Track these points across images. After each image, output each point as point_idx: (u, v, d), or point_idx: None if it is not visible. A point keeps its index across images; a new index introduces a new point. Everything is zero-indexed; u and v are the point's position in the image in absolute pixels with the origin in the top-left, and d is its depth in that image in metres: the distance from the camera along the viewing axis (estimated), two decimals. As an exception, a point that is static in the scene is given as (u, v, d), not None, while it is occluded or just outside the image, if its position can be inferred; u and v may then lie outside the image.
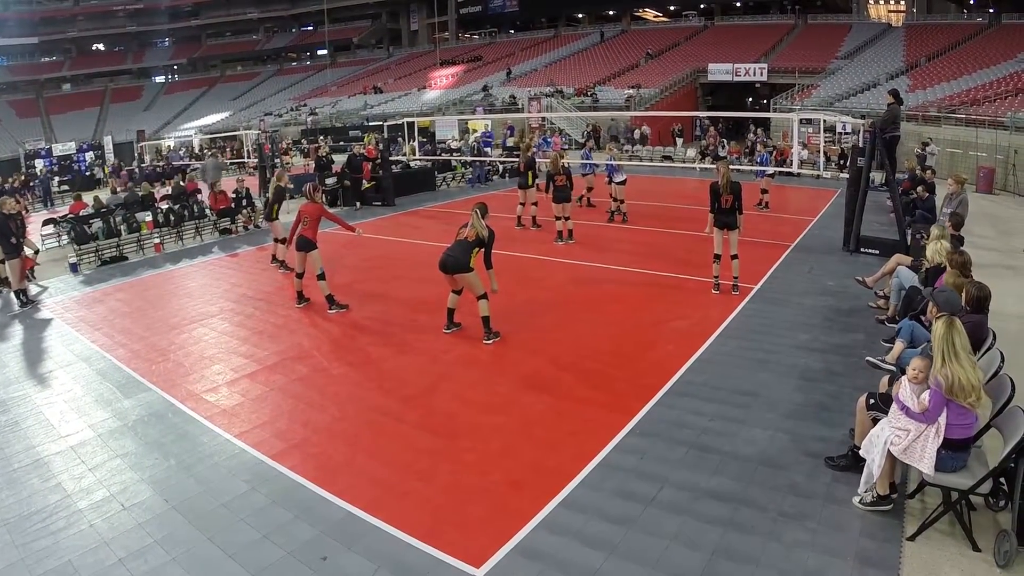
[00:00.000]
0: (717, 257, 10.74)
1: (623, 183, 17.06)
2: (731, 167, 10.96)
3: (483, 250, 9.13)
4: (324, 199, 12.12)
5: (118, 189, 24.25)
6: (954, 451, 4.89)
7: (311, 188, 11.25)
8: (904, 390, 5.14)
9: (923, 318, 7.15)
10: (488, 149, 31.24)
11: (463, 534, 5.18)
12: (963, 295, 6.26)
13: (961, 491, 4.87)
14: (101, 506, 5.80)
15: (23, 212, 16.25)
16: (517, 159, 18.20)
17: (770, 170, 19.46)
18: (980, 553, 4.77)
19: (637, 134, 33.66)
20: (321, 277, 10.86)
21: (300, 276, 11.16)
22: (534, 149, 18.44)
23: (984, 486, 4.84)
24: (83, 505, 5.83)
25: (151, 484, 6.12)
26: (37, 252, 14.53)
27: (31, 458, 6.73)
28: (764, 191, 18.77)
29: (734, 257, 10.76)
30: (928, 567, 4.69)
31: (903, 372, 6.12)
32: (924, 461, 4.88)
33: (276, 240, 13.82)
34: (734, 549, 4.90)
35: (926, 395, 4.94)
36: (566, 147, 29.06)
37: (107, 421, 7.45)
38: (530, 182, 16.35)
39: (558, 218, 14.80)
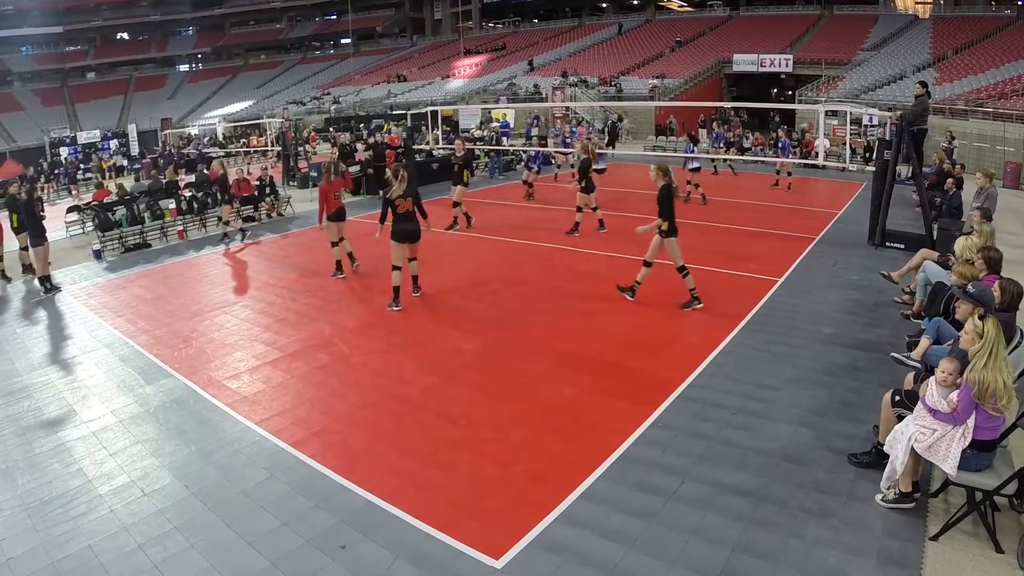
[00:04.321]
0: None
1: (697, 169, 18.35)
2: (756, 159, 10.83)
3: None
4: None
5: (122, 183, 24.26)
6: (979, 451, 4.81)
7: (345, 169, 11.70)
8: (931, 393, 5.05)
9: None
10: (506, 139, 31.15)
11: (482, 525, 5.17)
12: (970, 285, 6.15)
13: (985, 491, 4.80)
14: (121, 492, 5.85)
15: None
16: (540, 148, 18.07)
17: (791, 159, 19.65)
18: (1003, 555, 4.71)
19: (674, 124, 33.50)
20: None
21: (336, 245, 12.14)
22: (469, 146, 17.70)
23: (1009, 487, 4.77)
24: (104, 490, 5.88)
25: (171, 470, 6.16)
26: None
27: (53, 443, 6.79)
28: (789, 173, 20.02)
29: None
30: (950, 568, 4.63)
31: (928, 369, 6.02)
32: (948, 461, 4.81)
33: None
34: (755, 545, 4.86)
35: (955, 395, 4.85)
36: (591, 136, 28.93)
37: (129, 407, 7.51)
38: (465, 179, 15.84)
39: (580, 209, 14.64)
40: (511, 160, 26.68)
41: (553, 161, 24.20)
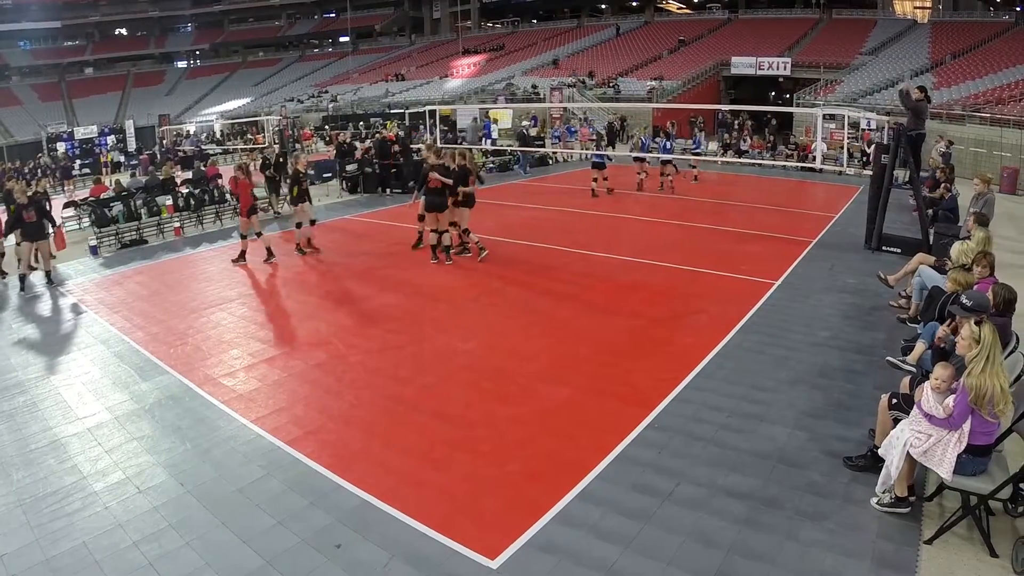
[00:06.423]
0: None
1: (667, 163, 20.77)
2: (753, 161, 10.87)
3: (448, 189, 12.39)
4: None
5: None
6: (975, 455, 4.82)
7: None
8: (926, 398, 5.05)
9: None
10: (490, 141, 31.05)
11: (478, 525, 5.17)
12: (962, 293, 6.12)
13: (980, 496, 4.81)
14: (116, 488, 5.83)
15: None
16: (538, 149, 18.06)
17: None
18: (997, 559, 4.71)
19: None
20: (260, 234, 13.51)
21: (249, 237, 13.57)
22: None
23: (1004, 491, 4.77)
24: (98, 487, 5.86)
25: (167, 468, 6.14)
26: None
27: (48, 439, 6.77)
28: (692, 166, 23.23)
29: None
30: (945, 571, 4.64)
31: (924, 373, 6.02)
32: (944, 465, 4.81)
33: (299, 225, 13.85)
34: (750, 547, 4.86)
35: (950, 400, 4.86)
36: (593, 138, 28.95)
37: (124, 404, 7.49)
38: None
39: (455, 224, 13.03)
40: (508, 161, 26.68)
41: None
